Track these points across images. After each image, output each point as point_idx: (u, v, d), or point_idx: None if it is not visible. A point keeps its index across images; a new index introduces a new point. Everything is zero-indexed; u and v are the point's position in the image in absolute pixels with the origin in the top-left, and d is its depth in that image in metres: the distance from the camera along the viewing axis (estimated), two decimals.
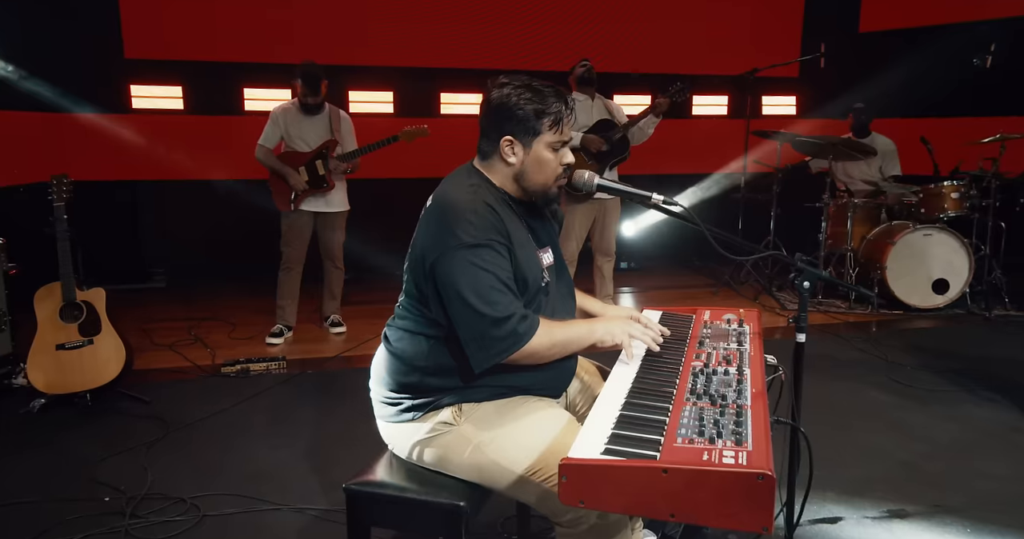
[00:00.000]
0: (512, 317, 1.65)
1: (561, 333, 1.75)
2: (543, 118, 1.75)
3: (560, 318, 1.87)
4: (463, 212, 1.69)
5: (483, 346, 1.66)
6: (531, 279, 1.78)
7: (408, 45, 6.47)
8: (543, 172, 1.80)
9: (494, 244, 1.68)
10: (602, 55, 6.65)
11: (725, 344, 1.93)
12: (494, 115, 1.77)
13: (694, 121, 7.33)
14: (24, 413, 3.45)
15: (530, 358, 1.71)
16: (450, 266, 1.66)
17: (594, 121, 4.90)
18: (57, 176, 3.57)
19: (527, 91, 1.75)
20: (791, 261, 1.90)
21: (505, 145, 1.78)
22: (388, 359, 1.85)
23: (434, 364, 1.77)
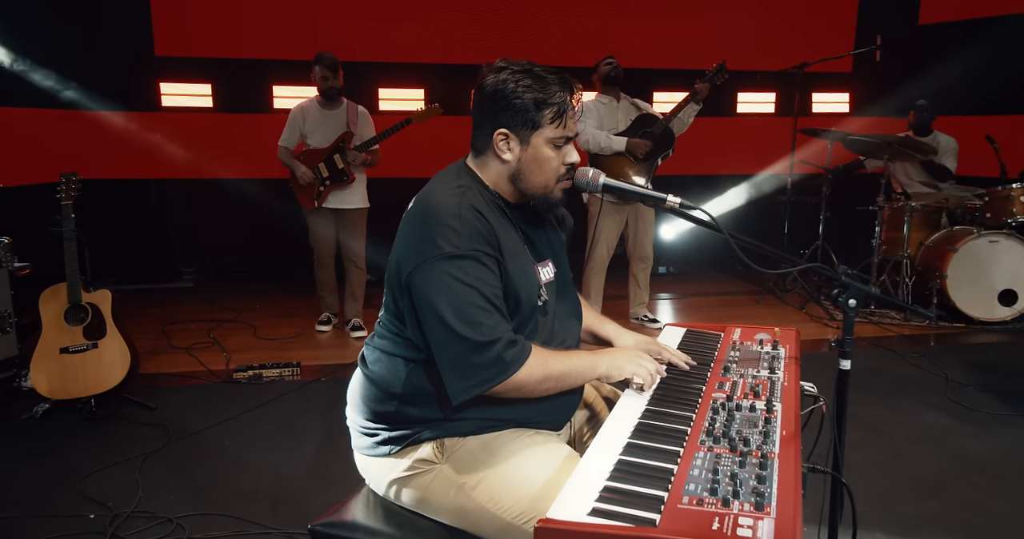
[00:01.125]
0: (497, 342, 1.41)
1: (557, 364, 1.50)
2: (544, 109, 1.51)
3: (559, 344, 1.63)
4: (445, 217, 1.45)
5: (462, 374, 1.42)
6: (524, 297, 1.54)
7: (440, 41, 6.28)
8: (542, 172, 1.56)
9: (479, 255, 1.44)
10: (640, 51, 6.38)
11: (754, 371, 1.66)
12: (488, 104, 1.53)
13: (739, 119, 6.98)
14: (27, 418, 3.34)
15: (518, 392, 1.47)
16: (427, 280, 1.43)
17: (621, 123, 4.62)
18: (66, 174, 3.45)
19: (526, 77, 1.51)
20: (832, 274, 1.61)
21: (499, 139, 1.54)
22: (364, 384, 1.63)
23: (412, 391, 1.54)
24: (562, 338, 1.66)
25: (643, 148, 4.50)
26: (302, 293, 5.63)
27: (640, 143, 4.50)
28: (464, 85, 6.47)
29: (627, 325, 5.04)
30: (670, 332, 2.01)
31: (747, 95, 6.93)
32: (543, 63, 1.56)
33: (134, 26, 5.86)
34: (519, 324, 1.54)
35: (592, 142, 4.50)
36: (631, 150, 4.50)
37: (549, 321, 1.63)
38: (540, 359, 1.48)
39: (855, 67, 6.94)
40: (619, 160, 4.56)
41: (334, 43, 5.60)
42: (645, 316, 5.00)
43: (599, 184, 1.58)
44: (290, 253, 5.48)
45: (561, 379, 1.51)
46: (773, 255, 1.64)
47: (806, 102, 6.93)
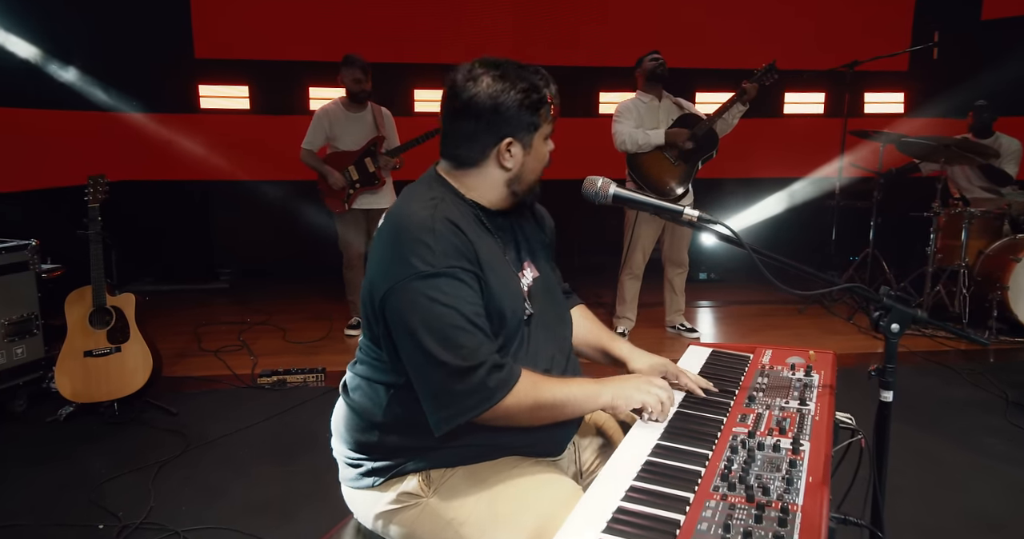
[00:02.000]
0: (480, 367, 1.29)
1: (552, 392, 1.38)
2: (542, 108, 1.43)
3: (547, 353, 1.50)
4: (418, 233, 1.33)
5: (442, 403, 1.31)
6: (509, 311, 1.42)
7: (477, 41, 6.18)
8: (539, 168, 1.51)
9: (456, 272, 1.32)
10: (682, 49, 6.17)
11: (783, 401, 1.50)
12: (489, 115, 1.40)
13: (786, 120, 6.71)
14: (51, 421, 3.35)
15: (507, 420, 1.35)
16: (402, 302, 1.32)
17: (662, 124, 4.43)
18: (94, 176, 3.45)
19: (519, 80, 1.40)
20: (872, 296, 1.44)
21: (506, 149, 1.44)
22: (346, 413, 1.52)
23: (393, 419, 1.43)
24: (547, 349, 1.52)
25: (683, 137, 4.29)
26: (336, 295, 5.59)
27: (680, 132, 4.29)
28: None
29: (662, 334, 4.88)
30: (694, 353, 1.86)
31: (795, 95, 6.66)
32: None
33: (174, 28, 5.90)
34: (506, 340, 1.42)
35: (629, 141, 4.32)
36: (671, 140, 4.29)
37: (533, 331, 1.50)
38: (531, 385, 1.35)
39: (911, 65, 6.61)
40: (658, 161, 4.38)
41: (370, 44, 5.56)
42: (681, 325, 4.81)
43: (609, 195, 1.44)
44: (324, 255, 5.44)
45: (556, 408, 1.38)
46: (804, 274, 1.48)
47: (857, 102, 6.62)
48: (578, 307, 1.82)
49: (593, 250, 6.23)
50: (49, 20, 4.98)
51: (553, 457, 1.51)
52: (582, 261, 6.35)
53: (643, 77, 4.47)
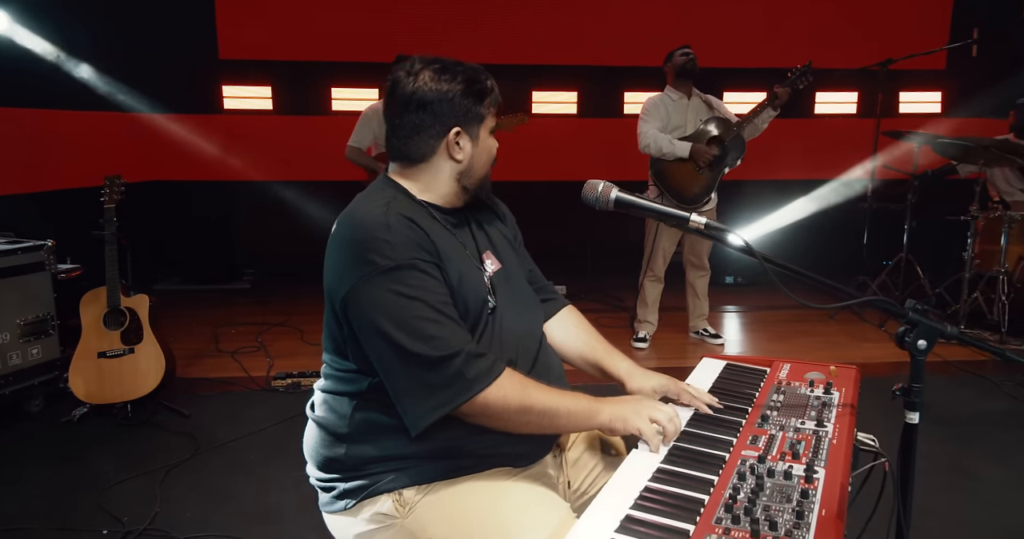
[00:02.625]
0: (455, 356, 1.24)
1: (543, 398, 1.31)
2: (485, 99, 1.43)
3: (512, 340, 1.43)
4: (373, 230, 1.29)
5: (418, 398, 1.25)
6: (472, 301, 1.36)
7: (498, 41, 6.11)
8: (487, 160, 1.49)
9: (418, 263, 1.28)
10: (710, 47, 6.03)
11: (799, 421, 1.40)
12: (433, 108, 1.39)
13: (817, 121, 6.53)
14: (65, 422, 3.34)
15: (491, 419, 1.28)
16: (366, 300, 1.27)
17: (690, 123, 4.31)
18: (110, 177, 3.44)
19: (458, 73, 1.41)
20: (897, 310, 1.33)
21: (455, 140, 1.41)
22: (313, 432, 1.46)
23: (359, 428, 1.37)
24: (515, 339, 1.44)
25: (707, 157, 4.18)
26: None
27: (704, 151, 4.19)
28: (525, 88, 6.29)
29: (685, 339, 4.75)
30: (707, 366, 1.76)
31: (826, 95, 6.48)
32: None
33: (199, 29, 5.92)
34: (470, 331, 1.35)
35: (654, 146, 4.20)
36: (695, 158, 4.19)
37: (499, 321, 1.42)
38: (519, 385, 1.29)
39: (949, 63, 6.38)
40: (683, 169, 4.26)
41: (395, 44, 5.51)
42: (705, 330, 4.69)
43: (610, 200, 1.36)
44: None
45: (547, 416, 1.31)
46: (820, 286, 1.37)
47: (891, 102, 6.42)
48: (570, 313, 1.73)
49: (615, 252, 6.12)
50: (75, 22, 5.01)
51: (535, 460, 1.43)
52: (604, 264, 6.25)
53: (672, 73, 4.35)
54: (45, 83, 4.83)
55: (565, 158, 6.21)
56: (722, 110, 4.38)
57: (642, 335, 4.58)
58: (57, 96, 4.95)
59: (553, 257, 6.66)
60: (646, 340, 4.58)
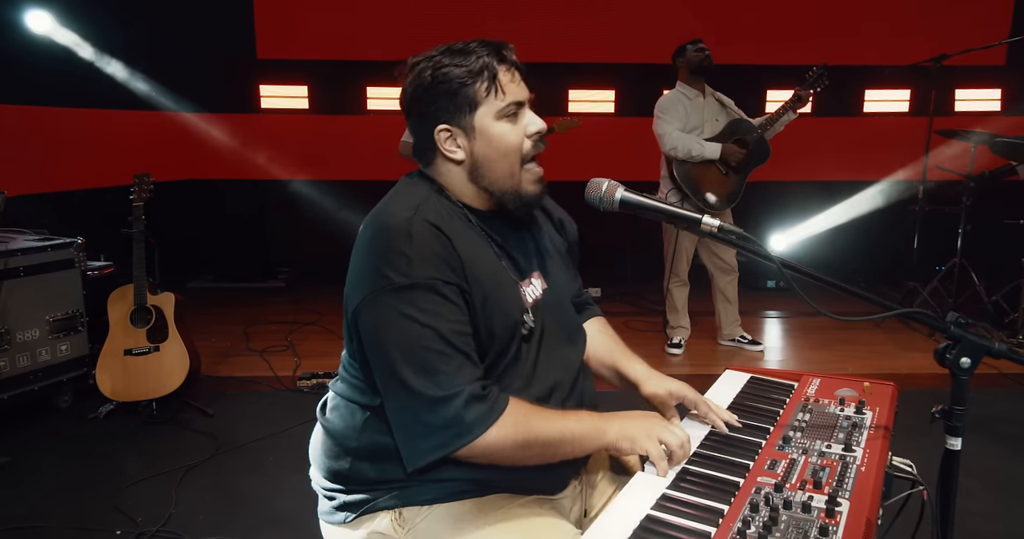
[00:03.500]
0: (455, 397, 1.13)
1: (546, 428, 1.19)
2: (474, 82, 1.24)
3: (547, 377, 1.31)
4: (393, 240, 1.18)
5: (413, 435, 1.16)
6: (500, 328, 1.25)
7: (535, 41, 6.01)
8: (502, 155, 1.28)
9: (436, 284, 1.17)
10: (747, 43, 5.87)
11: (824, 444, 1.27)
12: (417, 104, 1.29)
13: (865, 120, 6.27)
14: (92, 418, 3.36)
15: (489, 458, 1.18)
16: (374, 318, 1.18)
17: (707, 123, 4.16)
18: (139, 175, 3.45)
19: (444, 56, 1.25)
20: (937, 324, 1.20)
21: (443, 138, 1.28)
22: (321, 437, 1.39)
23: (367, 446, 1.28)
24: (551, 371, 1.33)
25: (738, 156, 4.03)
26: None
27: (735, 151, 4.04)
28: (561, 86, 6.18)
29: (719, 348, 4.58)
30: (729, 379, 1.64)
31: (876, 93, 6.21)
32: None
33: (238, 29, 5.97)
34: (495, 358, 1.25)
35: (681, 148, 4.06)
36: (725, 158, 4.04)
37: (533, 349, 1.31)
38: (521, 419, 1.18)
39: (1010, 58, 6.06)
40: (709, 172, 4.12)
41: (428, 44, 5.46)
42: (742, 337, 4.51)
43: (615, 200, 1.25)
44: None
45: (550, 446, 1.20)
46: (852, 296, 1.25)
47: (946, 100, 6.12)
48: (595, 320, 1.63)
49: (653, 255, 5.97)
50: (114, 22, 5.08)
51: (549, 496, 1.33)
52: (641, 267, 6.09)
53: (686, 69, 4.19)
54: (85, 83, 4.91)
55: (602, 158, 6.08)
56: (733, 108, 4.23)
57: (676, 340, 4.43)
58: (97, 96, 5.03)
59: (589, 259, 6.56)
60: (681, 345, 4.43)
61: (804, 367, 4.31)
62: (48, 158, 4.69)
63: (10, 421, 3.26)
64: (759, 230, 5.90)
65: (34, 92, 4.53)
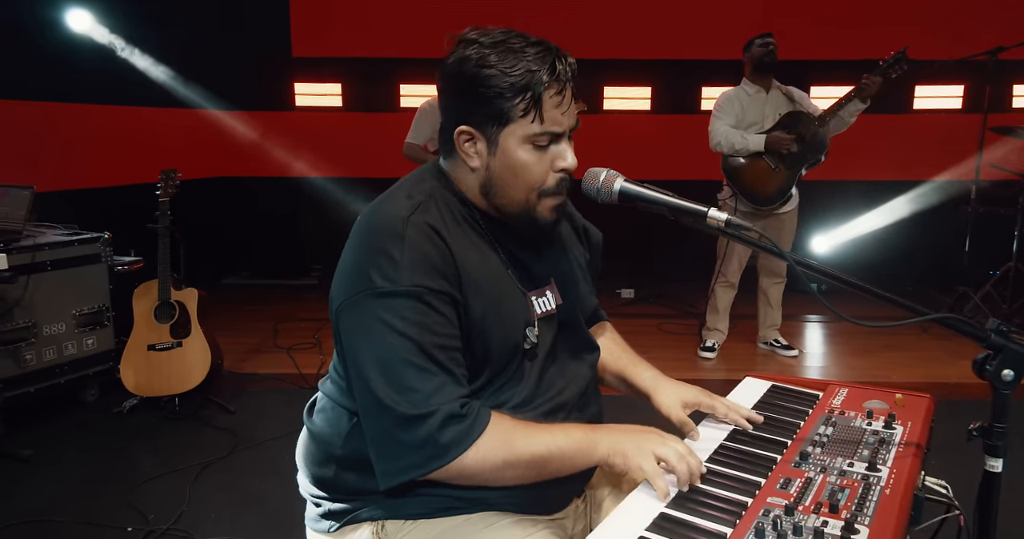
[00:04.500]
0: (430, 416, 1.04)
1: (530, 445, 1.10)
2: (513, 96, 1.10)
3: (549, 400, 1.21)
4: (384, 240, 1.09)
5: (385, 453, 1.08)
6: (497, 343, 1.15)
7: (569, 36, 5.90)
8: (519, 182, 1.16)
9: (422, 292, 1.07)
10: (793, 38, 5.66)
11: (846, 462, 1.15)
12: (449, 93, 1.17)
13: (915, 117, 6.00)
14: (116, 412, 3.38)
15: (467, 480, 1.09)
16: (353, 323, 1.10)
17: (768, 119, 3.98)
18: (166, 171, 3.46)
19: (494, 52, 1.10)
20: (976, 332, 1.07)
21: (462, 139, 1.16)
22: (306, 441, 1.33)
23: (352, 454, 1.20)
24: (557, 389, 1.24)
25: (786, 144, 3.84)
26: None
27: (782, 138, 3.84)
28: (597, 82, 6.07)
29: (754, 350, 4.42)
30: (748, 386, 1.52)
31: (927, 88, 5.94)
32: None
33: (274, 28, 6.00)
34: (493, 375, 1.16)
35: (725, 142, 3.91)
36: (772, 147, 3.85)
37: (537, 366, 1.22)
38: (502, 438, 1.08)
39: None
40: (756, 165, 3.95)
41: None
42: (776, 341, 4.34)
43: (614, 191, 1.15)
44: None
45: (536, 465, 1.10)
46: (871, 297, 1.13)
47: (1002, 95, 5.82)
48: (602, 325, 1.53)
49: (689, 255, 5.82)
50: (151, 21, 5.13)
51: (545, 514, 1.23)
52: (676, 267, 5.94)
53: (750, 64, 4.03)
54: (121, 81, 4.97)
55: (638, 156, 5.94)
56: (805, 104, 4.03)
57: (710, 344, 4.29)
58: (133, 93, 5.08)
59: (624, 259, 6.42)
60: (714, 349, 4.28)
61: (844, 375, 4.12)
62: (82, 155, 4.75)
63: (37, 414, 3.30)
64: (803, 231, 5.69)
65: (72, 89, 4.59)
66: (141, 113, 5.23)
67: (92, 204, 4.40)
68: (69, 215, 3.78)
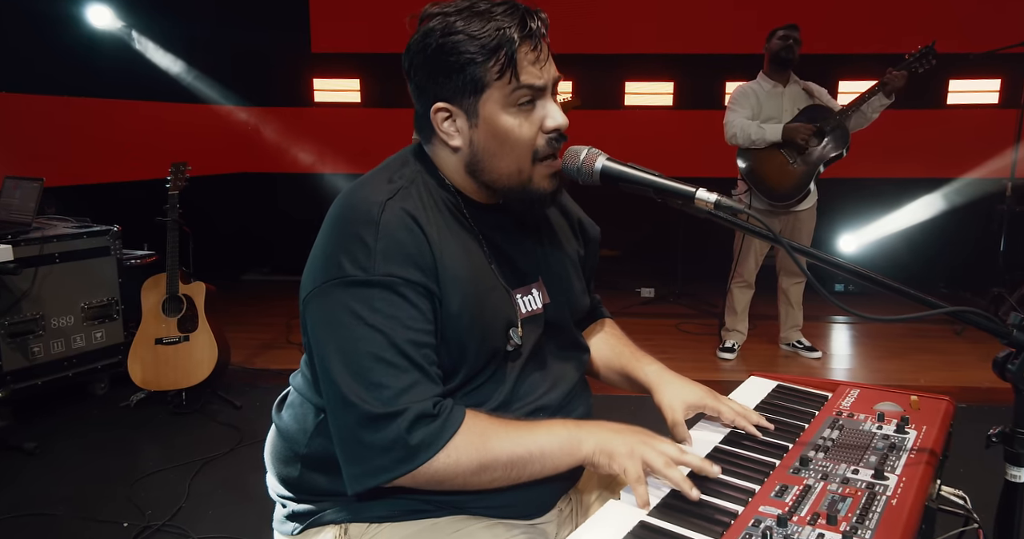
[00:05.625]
0: (398, 416, 0.96)
1: (507, 446, 1.01)
2: (486, 60, 1.02)
3: (530, 403, 1.13)
4: (357, 226, 1.02)
5: (351, 456, 1.00)
6: (476, 341, 1.07)
7: (589, 31, 5.81)
8: (509, 150, 1.07)
9: (395, 283, 1.00)
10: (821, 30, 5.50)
11: (850, 467, 1.05)
12: (418, 72, 1.09)
13: (948, 112, 5.80)
14: (123, 406, 3.36)
15: (441, 485, 1.01)
16: (320, 313, 1.03)
17: (786, 113, 3.85)
18: (176, 164, 3.44)
19: (459, 18, 1.03)
20: (996, 328, 0.97)
21: (440, 118, 1.08)
22: (273, 437, 1.26)
23: (320, 452, 1.13)
24: (539, 392, 1.15)
25: (805, 133, 3.70)
26: None
27: (800, 128, 3.71)
28: (616, 77, 5.96)
29: (778, 351, 4.28)
30: (752, 386, 1.42)
31: (961, 82, 5.73)
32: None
33: (294, 24, 5.99)
34: (470, 376, 1.08)
35: (741, 134, 3.79)
36: (790, 138, 3.72)
37: (519, 367, 1.13)
38: (477, 438, 1.00)
39: None
40: (773, 160, 3.82)
41: None
42: (799, 342, 4.20)
43: (595, 170, 1.06)
44: None
45: (515, 467, 1.02)
46: (897, 294, 1.03)
47: None
48: (602, 321, 1.44)
49: (713, 254, 5.69)
50: (172, 17, 5.14)
51: (526, 519, 1.14)
52: (699, 267, 5.81)
53: (768, 57, 3.91)
54: (141, 76, 4.98)
55: (660, 153, 5.82)
56: (824, 98, 3.89)
57: (729, 344, 4.16)
58: (153, 89, 5.10)
59: (645, 258, 6.31)
60: (734, 350, 4.15)
61: (869, 378, 3.98)
62: (104, 150, 4.77)
63: (44, 406, 3.29)
64: (830, 229, 5.52)
65: (95, 85, 4.61)
66: (163, 109, 5.24)
67: (111, 198, 4.40)
68: (86, 209, 3.78)
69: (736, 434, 1.20)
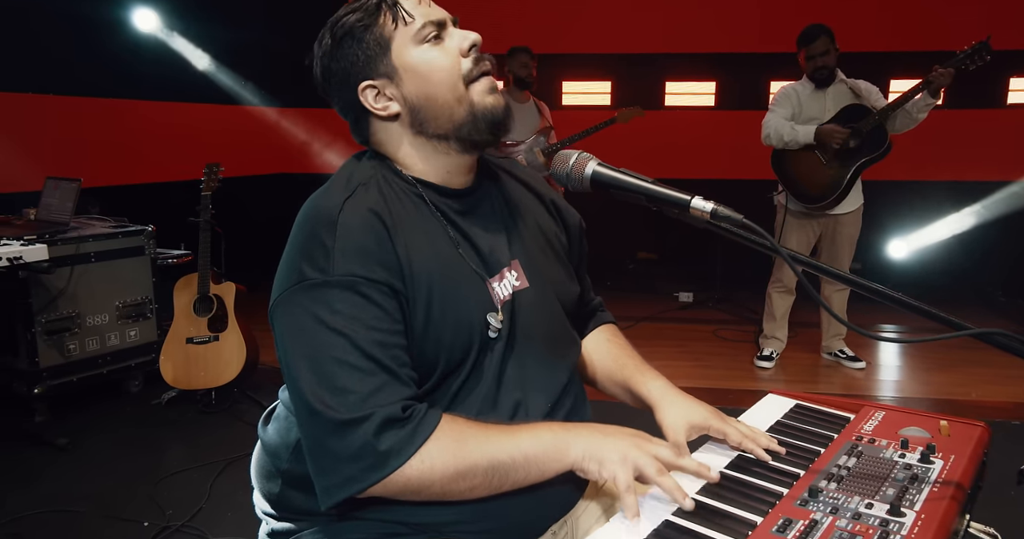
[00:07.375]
0: (364, 421, 0.91)
1: (487, 451, 0.96)
2: (375, 19, 1.06)
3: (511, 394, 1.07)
4: (316, 227, 0.99)
5: (321, 467, 0.95)
6: (452, 333, 1.03)
7: (628, 29, 5.70)
8: (436, 81, 1.06)
9: (358, 283, 0.96)
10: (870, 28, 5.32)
11: (864, 501, 0.96)
12: (331, 76, 1.10)
13: (1009, 112, 5.52)
14: (155, 404, 3.42)
15: (415, 494, 0.96)
16: (284, 320, 0.99)
17: (829, 112, 3.71)
18: (210, 165, 3.47)
19: (338, 13, 1.10)
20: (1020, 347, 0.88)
21: (369, 97, 1.08)
22: (259, 452, 1.23)
23: (299, 468, 1.08)
24: (525, 386, 1.09)
25: (838, 137, 3.56)
26: None
27: (833, 131, 3.57)
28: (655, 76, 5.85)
29: (818, 360, 4.12)
30: (769, 405, 1.34)
31: (1021, 81, 5.46)
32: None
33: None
34: (447, 373, 1.03)
35: (774, 134, 3.67)
36: (822, 140, 3.59)
37: (498, 359, 1.07)
38: (453, 443, 0.95)
39: None
40: (806, 161, 3.68)
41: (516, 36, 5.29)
42: (841, 351, 4.04)
43: (585, 175, 0.99)
44: None
45: (496, 474, 0.96)
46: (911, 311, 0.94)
47: None
48: (605, 328, 1.37)
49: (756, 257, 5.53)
50: (216, 21, 5.22)
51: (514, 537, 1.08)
52: (740, 271, 5.66)
53: (803, 62, 3.79)
54: (183, 79, 5.07)
55: (701, 154, 5.70)
56: (871, 97, 3.72)
57: (767, 352, 4.02)
58: (194, 91, 5.19)
59: (683, 262, 6.16)
60: (772, 359, 4.01)
61: (917, 391, 3.80)
62: (146, 151, 4.87)
63: (78, 402, 3.36)
64: (880, 234, 5.33)
65: (137, 87, 4.71)
66: (203, 110, 5.33)
67: (151, 198, 4.49)
68: (127, 209, 3.85)
69: (744, 458, 1.12)
